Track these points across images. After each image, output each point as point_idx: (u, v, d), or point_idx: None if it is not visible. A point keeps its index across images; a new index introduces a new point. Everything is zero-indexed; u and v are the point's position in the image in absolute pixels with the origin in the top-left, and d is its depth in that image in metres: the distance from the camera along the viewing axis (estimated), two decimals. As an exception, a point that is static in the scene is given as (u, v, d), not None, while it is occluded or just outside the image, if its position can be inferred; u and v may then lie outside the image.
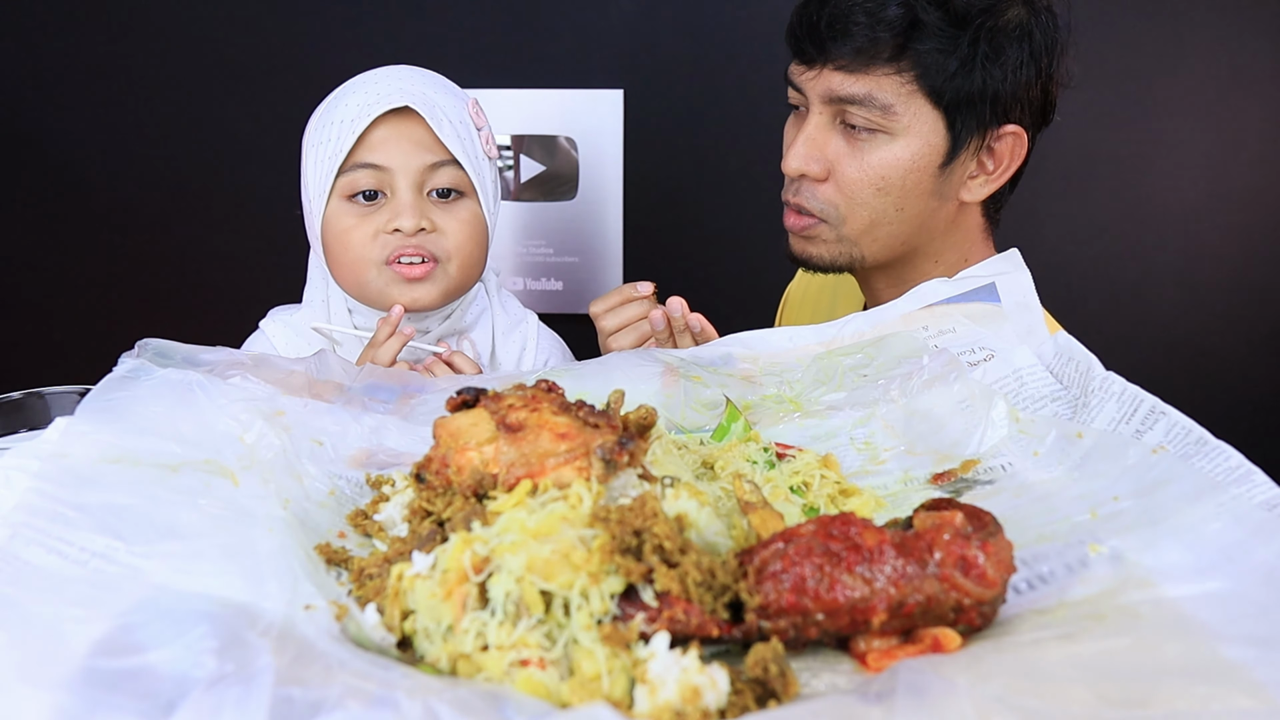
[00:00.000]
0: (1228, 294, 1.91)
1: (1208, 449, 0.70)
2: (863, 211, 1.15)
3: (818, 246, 1.20)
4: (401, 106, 1.14)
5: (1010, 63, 1.10)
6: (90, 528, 0.62)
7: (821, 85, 1.13)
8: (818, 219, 1.18)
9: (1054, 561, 0.65)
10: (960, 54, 1.08)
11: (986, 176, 1.17)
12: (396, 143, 1.14)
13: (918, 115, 1.11)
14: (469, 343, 1.26)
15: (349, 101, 1.16)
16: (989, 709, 0.48)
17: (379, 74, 1.19)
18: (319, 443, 0.81)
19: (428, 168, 1.15)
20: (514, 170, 1.94)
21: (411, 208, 1.14)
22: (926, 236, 1.19)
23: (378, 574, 0.66)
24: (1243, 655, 0.52)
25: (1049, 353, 0.92)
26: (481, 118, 1.22)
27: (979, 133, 1.13)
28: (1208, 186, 1.87)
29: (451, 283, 1.19)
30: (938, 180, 1.14)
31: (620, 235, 1.95)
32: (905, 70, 1.09)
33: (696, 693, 0.53)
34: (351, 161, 1.15)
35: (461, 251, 1.18)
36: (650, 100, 1.91)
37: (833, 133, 1.15)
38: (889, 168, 1.13)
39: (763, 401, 0.96)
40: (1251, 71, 1.82)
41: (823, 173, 1.15)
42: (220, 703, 0.48)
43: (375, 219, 1.15)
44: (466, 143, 1.17)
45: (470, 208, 1.19)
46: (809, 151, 1.15)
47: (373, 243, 1.15)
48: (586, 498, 0.63)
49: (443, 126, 1.15)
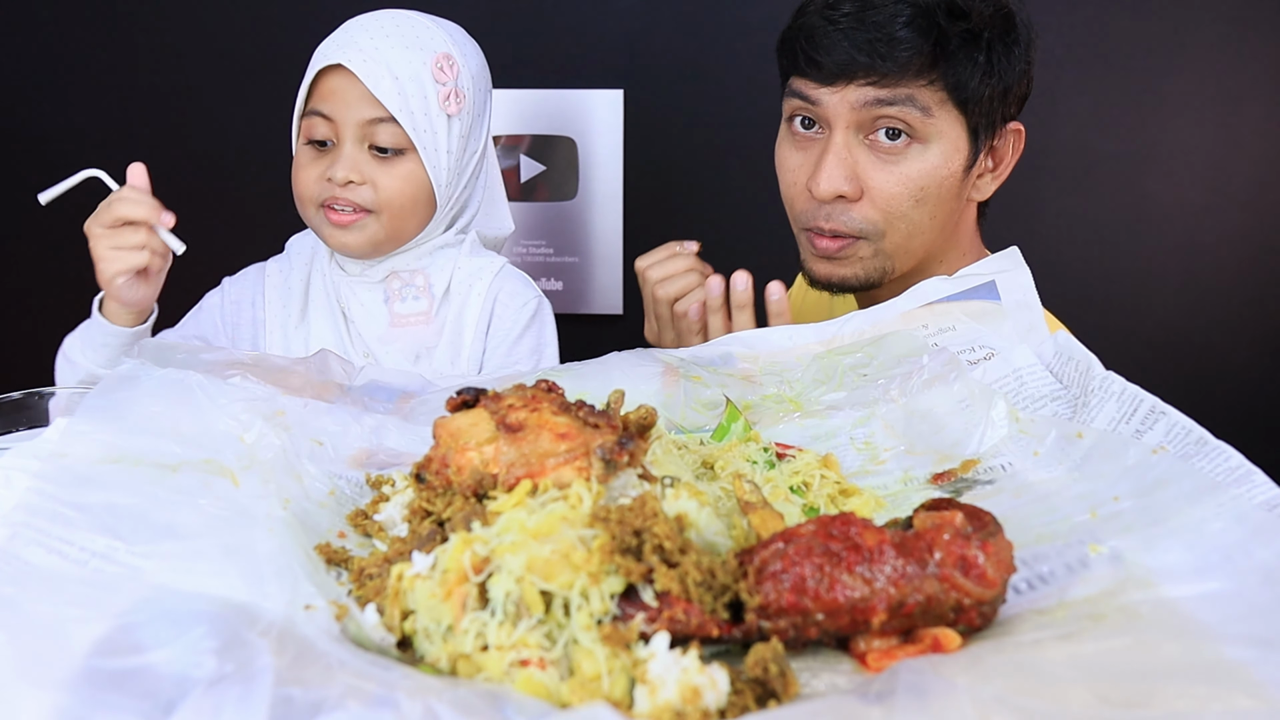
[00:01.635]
0: (1228, 294, 1.90)
1: (1208, 449, 0.70)
2: (901, 224, 1.13)
3: (852, 266, 1.17)
4: None
5: (1018, 66, 1.12)
6: (90, 528, 0.62)
7: (854, 97, 1.09)
8: (855, 237, 1.15)
9: (1054, 561, 0.65)
10: (981, 61, 1.09)
11: (992, 175, 1.19)
12: (342, 95, 1.20)
13: (946, 121, 1.11)
14: (421, 277, 1.29)
15: (323, 45, 1.23)
16: (989, 709, 0.48)
17: (361, 19, 1.24)
18: (319, 443, 0.81)
19: (367, 122, 1.20)
20: (514, 170, 1.94)
21: (346, 159, 1.20)
22: (941, 240, 1.19)
23: (378, 574, 0.66)
24: (1243, 655, 0.52)
25: (1049, 352, 0.92)
26: (449, 72, 1.23)
27: (989, 132, 1.14)
28: (1208, 186, 1.87)
29: (381, 233, 1.24)
30: (962, 184, 1.15)
31: (620, 235, 1.95)
32: (935, 80, 1.09)
33: (696, 693, 0.53)
34: (310, 106, 1.22)
35: (391, 206, 1.22)
36: (650, 100, 1.91)
37: (858, 148, 1.12)
38: (926, 177, 1.11)
39: (763, 401, 0.96)
40: (1251, 71, 1.82)
41: (857, 192, 1.12)
42: (220, 703, 0.48)
43: (321, 164, 1.22)
44: (412, 99, 1.20)
45: (409, 165, 1.22)
46: (840, 171, 1.11)
47: (315, 185, 1.22)
48: (586, 498, 0.63)
49: (381, 84, 1.18)
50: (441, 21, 1.27)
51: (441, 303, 1.29)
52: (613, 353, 1.03)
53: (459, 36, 1.28)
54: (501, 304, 1.31)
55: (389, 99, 1.18)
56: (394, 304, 1.28)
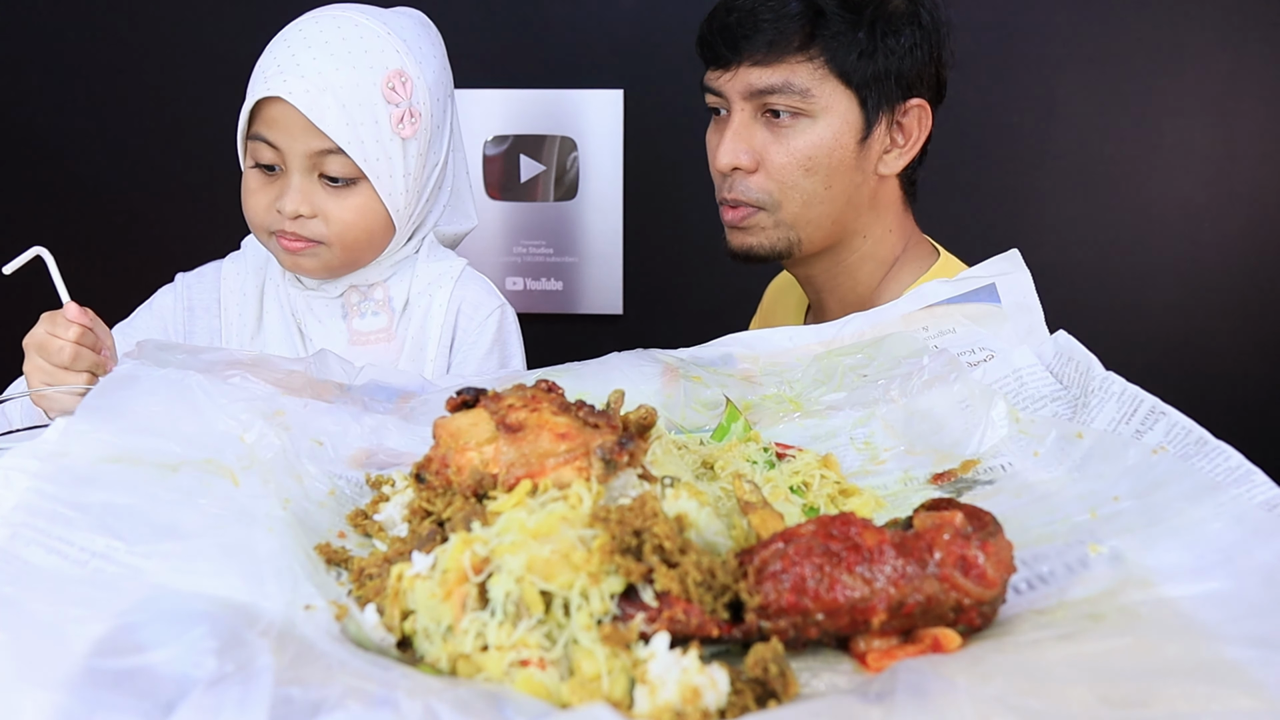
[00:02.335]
0: (1228, 294, 1.90)
1: (1208, 449, 0.70)
2: (795, 194, 1.23)
3: (756, 236, 1.27)
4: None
5: (905, 43, 1.21)
6: (90, 528, 0.62)
7: (740, 83, 1.22)
8: (755, 207, 1.25)
9: (1054, 561, 0.65)
10: (860, 37, 1.18)
11: (899, 150, 1.26)
12: (285, 124, 1.12)
13: (832, 96, 1.20)
14: (380, 290, 1.25)
15: (261, 62, 1.15)
16: (989, 709, 0.48)
17: (304, 28, 1.15)
18: (319, 443, 0.81)
19: (315, 153, 1.13)
20: (514, 170, 1.94)
21: (294, 192, 1.14)
22: (854, 213, 1.27)
23: (378, 574, 0.66)
24: (1243, 655, 0.52)
25: (1049, 353, 0.92)
26: (401, 91, 1.15)
27: (888, 108, 1.22)
28: (1208, 186, 1.87)
29: (335, 260, 1.19)
30: (858, 156, 1.23)
31: (620, 235, 1.95)
32: (815, 56, 1.19)
33: (696, 693, 0.53)
34: (254, 130, 1.15)
35: (344, 239, 1.17)
36: (650, 100, 1.91)
37: (756, 125, 1.24)
38: (814, 148, 1.21)
39: (763, 401, 0.96)
40: (1251, 71, 1.82)
41: (752, 164, 1.24)
42: (220, 703, 0.48)
43: (270, 190, 1.17)
44: (362, 127, 1.12)
45: (362, 196, 1.16)
46: (737, 145, 1.23)
47: (265, 213, 1.17)
48: (586, 498, 0.63)
49: (326, 115, 1.10)
50: (393, 21, 1.18)
51: (401, 317, 1.25)
52: (613, 353, 1.03)
53: (414, 40, 1.19)
54: (465, 315, 1.27)
55: (336, 130, 1.11)
56: (353, 320, 1.23)
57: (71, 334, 1.01)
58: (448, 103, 1.25)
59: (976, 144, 1.89)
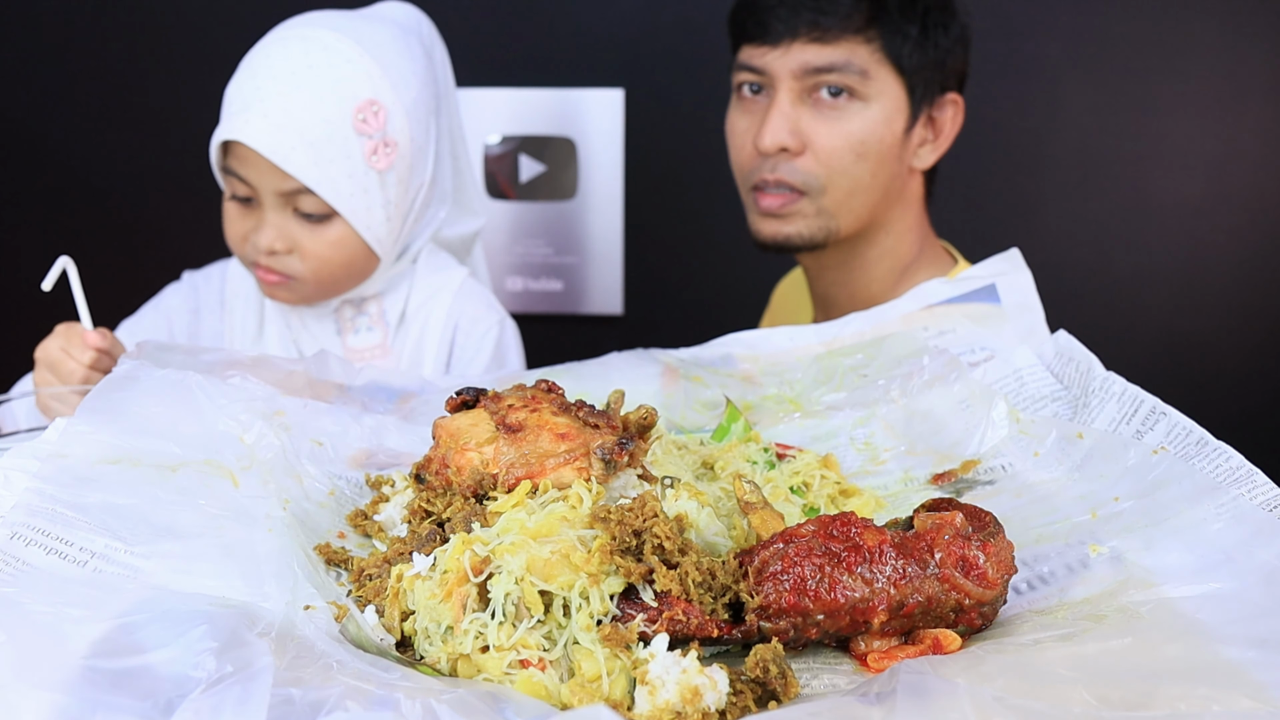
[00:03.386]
0: (1228, 294, 1.90)
1: (1208, 450, 0.70)
2: (842, 180, 1.20)
3: (795, 224, 1.23)
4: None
5: (954, 34, 1.20)
6: (90, 528, 0.62)
7: (793, 60, 1.18)
8: (799, 193, 1.21)
9: (1054, 562, 0.65)
10: (918, 23, 1.17)
11: (932, 144, 1.24)
12: (254, 162, 1.08)
13: (886, 81, 1.18)
14: (374, 304, 1.22)
15: (230, 88, 1.10)
16: (989, 709, 0.48)
17: (270, 52, 1.10)
18: (319, 443, 0.81)
19: (286, 192, 1.09)
20: (514, 170, 1.94)
21: (269, 228, 1.10)
22: (886, 204, 1.25)
23: (377, 574, 0.66)
24: (1243, 656, 0.52)
25: (1049, 353, 0.92)
26: (374, 122, 1.09)
27: (928, 100, 1.21)
28: (1208, 186, 1.87)
29: (312, 293, 1.16)
30: (902, 146, 1.21)
31: (620, 235, 1.94)
32: (873, 39, 1.17)
33: (696, 693, 0.53)
34: (226, 163, 1.11)
35: (319, 273, 1.13)
36: (650, 100, 1.90)
37: (803, 107, 1.20)
38: (866, 133, 1.19)
39: (763, 401, 0.96)
40: (1251, 71, 1.82)
41: (800, 146, 1.20)
42: (220, 703, 0.48)
43: (246, 221, 1.13)
44: (333, 165, 1.08)
45: (338, 230, 1.11)
46: (786, 125, 1.19)
47: (243, 245, 1.14)
48: (586, 498, 0.63)
49: (292, 156, 1.05)
50: (369, 37, 1.11)
51: (397, 331, 1.22)
52: (613, 353, 1.03)
53: (391, 59, 1.12)
54: (464, 332, 1.25)
55: (302, 171, 1.06)
56: (346, 336, 1.21)
57: (87, 359, 1.00)
58: (430, 120, 1.18)
59: (977, 144, 1.89)
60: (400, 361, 1.22)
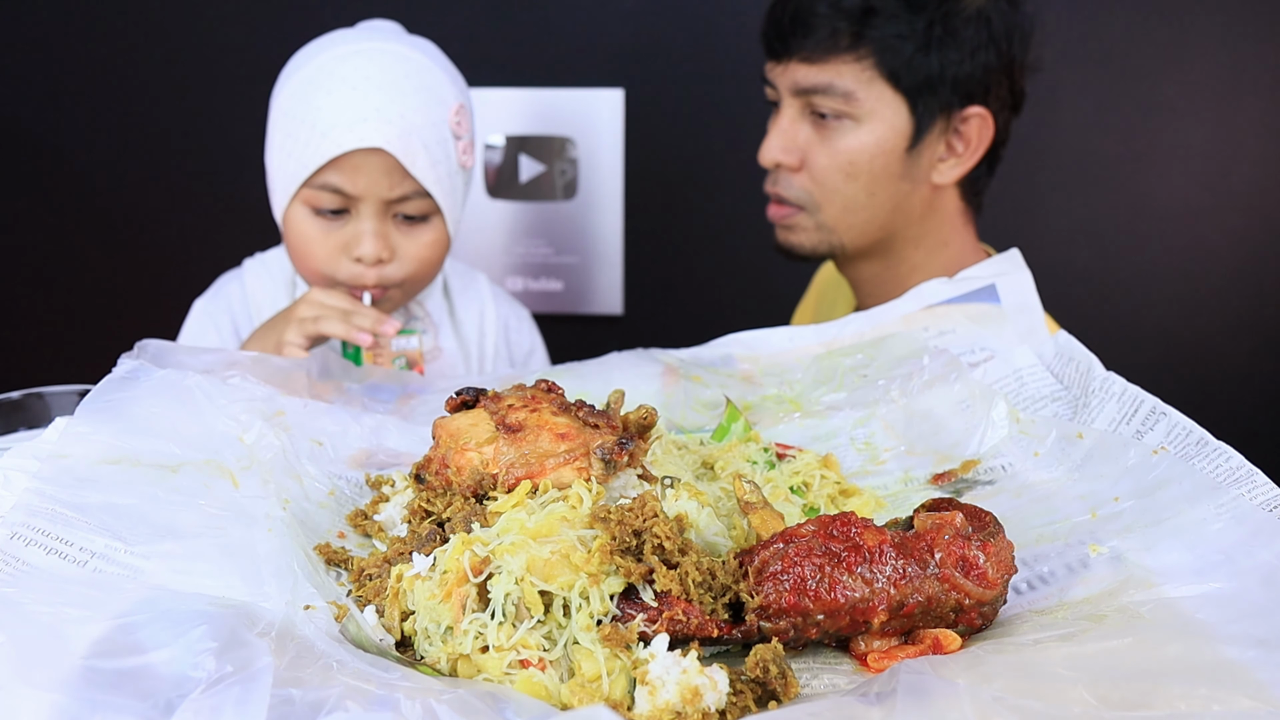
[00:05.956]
0: (1228, 294, 1.90)
1: (1208, 450, 0.70)
2: (835, 198, 1.21)
3: (799, 235, 1.26)
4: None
5: (968, 46, 1.15)
6: (90, 528, 0.62)
7: (789, 78, 1.20)
8: (796, 207, 1.24)
9: (1054, 562, 0.65)
10: (916, 37, 1.14)
11: (956, 159, 1.22)
12: (367, 172, 1.08)
13: (880, 100, 1.17)
14: (418, 306, 1.25)
15: (322, 105, 1.08)
16: (989, 709, 0.48)
17: (362, 66, 1.10)
18: (319, 443, 0.81)
19: (395, 198, 1.10)
20: (514, 170, 1.94)
21: (374, 236, 1.10)
22: (903, 221, 1.24)
23: (377, 574, 0.66)
24: (1243, 656, 0.52)
25: (1049, 353, 0.92)
26: (464, 125, 1.14)
27: (943, 115, 1.18)
28: (1208, 186, 1.87)
29: (399, 298, 1.18)
30: (905, 164, 1.20)
31: (620, 235, 1.94)
32: (864, 57, 1.15)
33: (696, 693, 0.53)
34: (319, 179, 1.09)
35: (418, 275, 1.15)
36: (650, 100, 1.90)
37: (803, 123, 1.21)
38: (855, 153, 1.19)
39: (763, 401, 0.96)
40: (1251, 71, 1.82)
41: (797, 162, 1.21)
42: (220, 703, 0.48)
43: (337, 236, 1.11)
44: (440, 166, 1.11)
45: (434, 230, 1.15)
46: (782, 142, 1.21)
47: (333, 262, 1.12)
48: (586, 498, 0.63)
49: (417, 160, 1.08)
50: (432, 51, 1.16)
51: (453, 332, 1.27)
52: (613, 353, 1.03)
53: (454, 68, 1.17)
54: (514, 329, 1.32)
55: (424, 174, 1.09)
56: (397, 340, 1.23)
57: (368, 322, 1.05)
58: None
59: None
60: (459, 363, 1.26)
